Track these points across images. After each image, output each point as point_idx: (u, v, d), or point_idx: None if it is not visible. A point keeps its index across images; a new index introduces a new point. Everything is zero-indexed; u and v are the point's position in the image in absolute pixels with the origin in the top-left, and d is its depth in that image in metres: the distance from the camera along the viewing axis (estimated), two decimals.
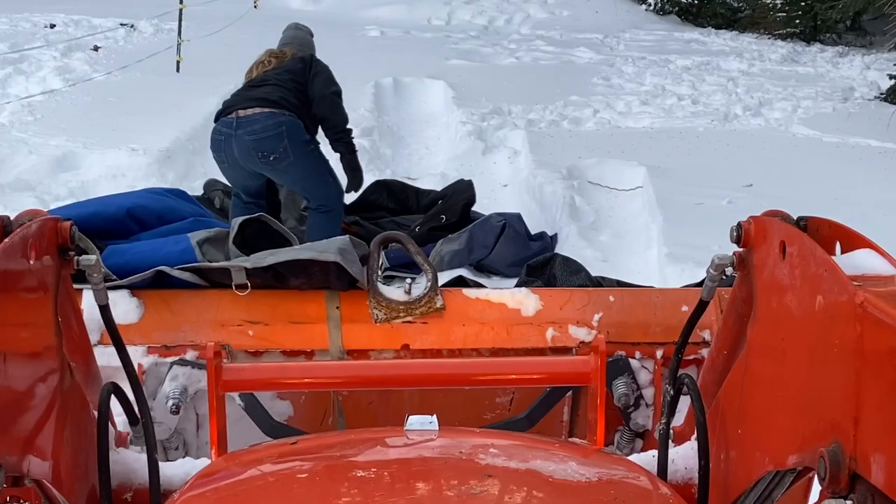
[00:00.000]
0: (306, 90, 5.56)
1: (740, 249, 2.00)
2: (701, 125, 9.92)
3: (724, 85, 12.34)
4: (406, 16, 18.21)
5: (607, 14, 18.65)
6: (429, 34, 16.58)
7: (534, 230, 6.25)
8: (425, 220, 6.34)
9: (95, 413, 1.99)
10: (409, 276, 2.59)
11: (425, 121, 10.48)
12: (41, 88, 9.89)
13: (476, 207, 6.55)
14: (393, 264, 3.26)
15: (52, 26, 15.09)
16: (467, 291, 2.56)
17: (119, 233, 2.75)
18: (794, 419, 1.69)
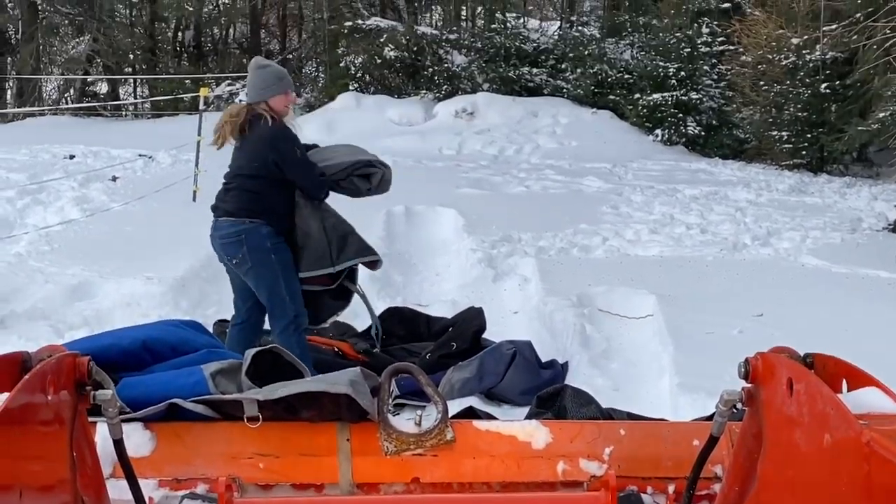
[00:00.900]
0: (269, 169, 5.58)
1: (748, 385, 2.03)
2: (710, 254, 9.99)
3: (733, 214, 12.47)
4: (418, 145, 18.60)
5: (615, 144, 19.01)
6: (440, 163, 16.90)
7: (544, 358, 6.25)
8: (436, 348, 6.35)
9: None
10: (420, 405, 2.60)
11: (436, 248, 10.58)
12: (59, 218, 10.07)
13: (486, 335, 6.56)
14: (403, 392, 3.27)
15: (72, 157, 15.45)
16: (477, 423, 2.57)
17: (134, 365, 2.77)
18: None
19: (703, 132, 19.86)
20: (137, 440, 2.40)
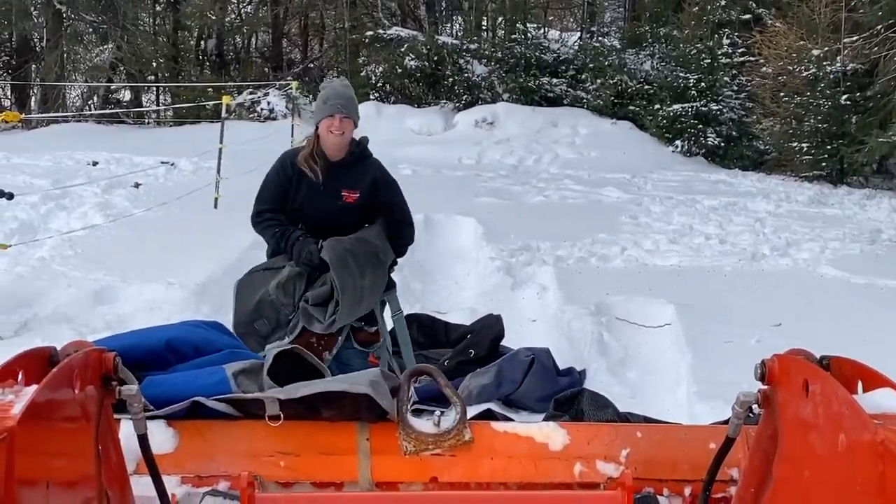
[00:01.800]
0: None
1: (765, 387, 2.04)
2: (729, 264, 9.98)
3: (752, 225, 12.45)
4: (438, 155, 18.63)
5: (635, 155, 18.99)
6: (459, 172, 16.94)
7: (562, 365, 6.25)
8: (454, 354, 6.37)
9: None
10: (438, 410, 2.62)
11: (455, 256, 10.60)
12: (82, 224, 10.15)
13: (504, 342, 6.57)
14: (420, 397, 3.29)
15: (95, 164, 15.58)
16: (495, 425, 2.59)
17: (157, 364, 2.81)
18: None
19: (723, 143, 19.81)
20: (160, 437, 2.44)
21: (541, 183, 16.00)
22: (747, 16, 21.61)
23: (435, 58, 22.99)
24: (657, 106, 20.47)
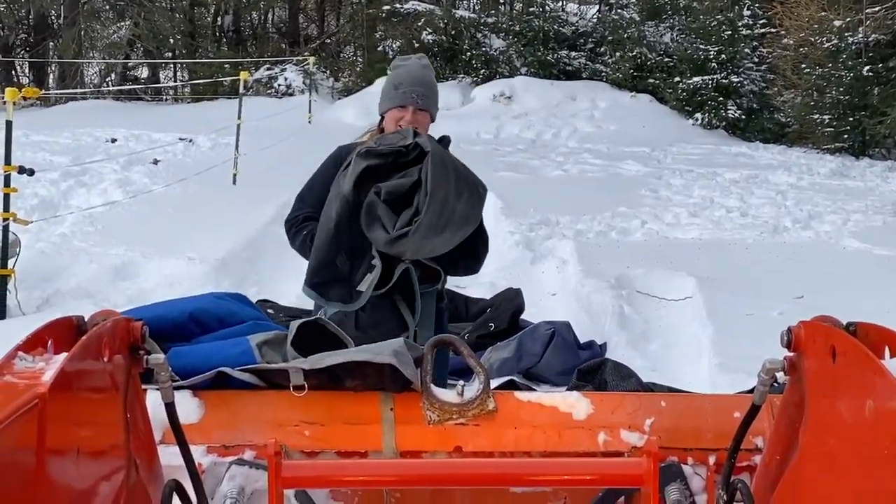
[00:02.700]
0: None
1: (791, 354, 2.04)
2: (750, 237, 9.93)
3: (773, 198, 12.38)
4: (456, 129, 18.46)
5: (654, 128, 18.89)
6: (478, 147, 16.88)
7: (583, 339, 6.25)
8: (474, 328, 6.38)
9: None
10: (462, 380, 2.62)
11: None
12: (102, 200, 10.21)
13: (525, 316, 6.57)
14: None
15: (114, 141, 15.63)
16: (519, 394, 2.59)
17: (181, 336, 2.82)
18: None
19: (744, 116, 19.68)
20: (186, 407, 2.45)
21: (559, 157, 15.95)
22: None
23: (452, 32, 22.89)
24: (677, 78, 20.34)
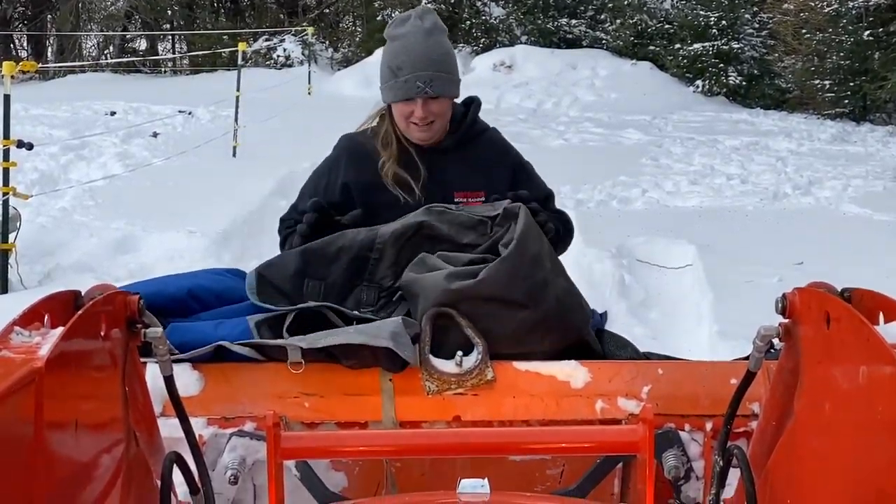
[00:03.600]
0: None
1: (786, 321, 2.04)
2: (750, 204, 9.93)
3: (774, 164, 12.35)
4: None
5: (655, 96, 18.81)
6: None
7: None
8: None
9: (158, 482, 2.06)
10: (460, 350, 2.63)
11: None
12: (102, 173, 10.20)
13: None
14: None
15: (113, 114, 15.61)
16: (517, 364, 2.60)
17: (179, 311, 2.82)
18: (842, 489, 1.70)
19: (745, 82, 19.57)
20: (186, 380, 2.47)
21: (560, 126, 15.90)
22: None
23: (452, 0, 22.75)
24: (677, 45, 20.22)
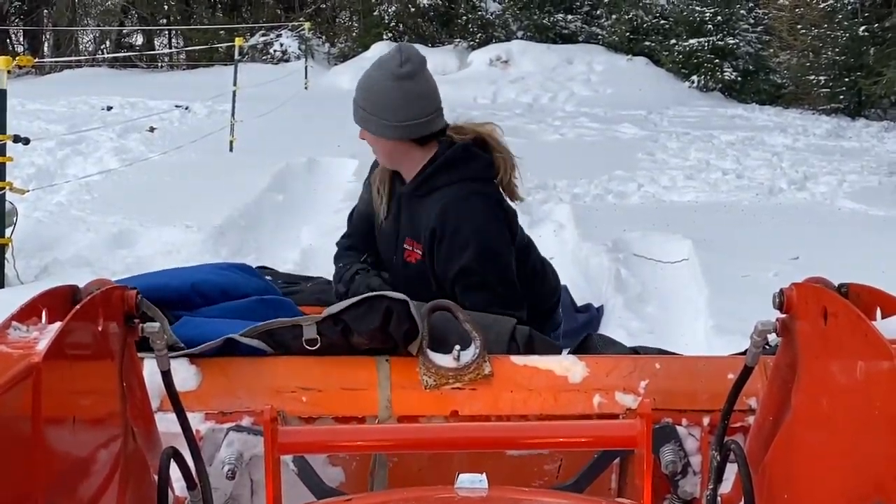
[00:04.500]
0: None
1: (783, 316, 2.05)
2: (746, 199, 9.94)
3: (769, 159, 12.37)
4: (453, 94, 18.46)
5: (651, 92, 18.82)
6: (475, 112, 16.78)
7: (580, 302, 6.25)
8: None
9: (155, 477, 2.06)
10: (458, 345, 2.63)
11: None
12: (98, 168, 10.19)
13: None
14: None
15: (110, 108, 15.58)
16: (515, 358, 2.61)
17: (183, 305, 2.81)
18: (839, 484, 1.71)
19: (740, 78, 19.58)
20: (183, 375, 2.47)
21: (556, 121, 15.90)
22: None
23: None
24: (673, 41, 20.21)
